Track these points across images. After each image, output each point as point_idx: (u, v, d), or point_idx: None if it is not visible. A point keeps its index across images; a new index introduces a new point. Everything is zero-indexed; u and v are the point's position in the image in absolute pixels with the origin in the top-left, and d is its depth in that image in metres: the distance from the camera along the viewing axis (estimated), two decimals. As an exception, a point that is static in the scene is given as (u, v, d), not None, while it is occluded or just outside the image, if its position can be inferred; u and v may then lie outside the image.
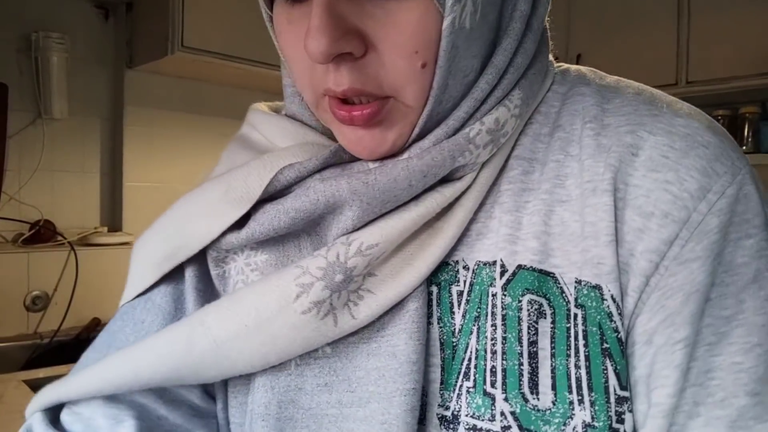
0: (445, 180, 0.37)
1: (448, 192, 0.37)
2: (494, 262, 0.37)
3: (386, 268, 0.37)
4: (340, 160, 0.39)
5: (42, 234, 1.79)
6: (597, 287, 0.35)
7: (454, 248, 0.39)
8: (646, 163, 0.36)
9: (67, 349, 1.69)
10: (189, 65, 1.94)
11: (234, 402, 0.41)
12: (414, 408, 0.35)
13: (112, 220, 2.04)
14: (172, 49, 1.79)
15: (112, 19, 2.03)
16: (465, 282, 0.38)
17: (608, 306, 0.35)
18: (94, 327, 1.78)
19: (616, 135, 0.37)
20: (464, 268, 0.38)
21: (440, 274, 0.39)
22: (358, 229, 0.36)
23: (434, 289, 0.39)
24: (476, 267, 0.38)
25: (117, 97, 2.03)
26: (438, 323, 0.38)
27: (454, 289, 0.38)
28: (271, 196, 0.39)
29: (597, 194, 0.36)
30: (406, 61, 0.34)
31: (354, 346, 0.37)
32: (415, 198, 0.37)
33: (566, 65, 0.45)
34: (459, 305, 0.38)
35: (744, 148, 2.15)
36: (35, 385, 1.28)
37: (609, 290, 0.35)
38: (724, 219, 0.34)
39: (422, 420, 0.37)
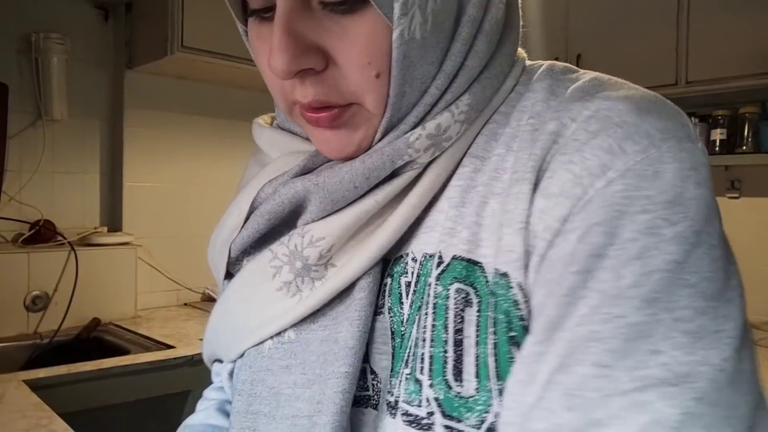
0: (393, 176, 0.40)
1: (389, 189, 0.39)
2: (434, 254, 0.39)
3: (342, 258, 0.41)
4: (314, 165, 0.42)
5: (42, 234, 1.80)
6: (505, 275, 0.35)
7: (406, 242, 0.41)
8: (559, 148, 0.36)
9: (67, 349, 1.69)
10: (189, 66, 1.94)
11: (226, 380, 0.48)
12: (345, 390, 0.38)
13: (112, 220, 2.04)
14: (171, 49, 1.79)
15: (111, 20, 2.03)
16: (413, 273, 0.40)
17: (515, 294, 0.35)
18: (94, 327, 1.78)
19: (546, 125, 0.37)
20: (413, 260, 0.40)
21: (394, 266, 0.41)
22: (314, 222, 0.41)
23: (388, 280, 0.41)
24: (423, 258, 0.40)
25: (117, 97, 2.03)
26: (389, 313, 0.40)
27: (403, 280, 0.40)
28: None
29: (519, 183, 0.36)
30: (361, 72, 0.37)
31: (313, 332, 0.41)
32: (361, 196, 0.40)
33: (541, 62, 0.44)
34: (407, 295, 0.40)
35: (744, 148, 2.15)
36: (35, 385, 1.28)
37: (515, 278, 0.35)
38: (619, 194, 0.32)
39: (376, 405, 0.40)
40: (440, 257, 0.38)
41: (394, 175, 0.40)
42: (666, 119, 0.35)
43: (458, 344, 0.36)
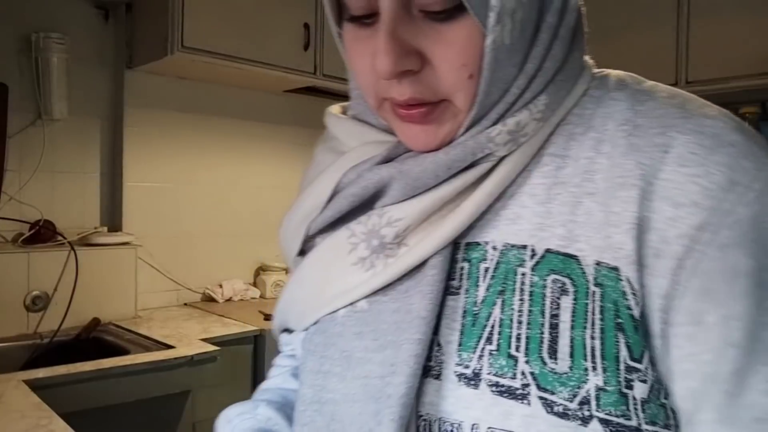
0: (470, 167, 0.44)
1: (465, 178, 0.44)
2: (524, 246, 0.43)
3: (414, 238, 0.45)
4: (396, 154, 0.47)
5: (42, 234, 1.80)
6: (615, 269, 0.40)
7: (483, 230, 0.45)
8: (676, 160, 0.40)
9: (67, 349, 1.69)
10: (188, 65, 1.94)
11: (300, 345, 0.52)
12: (418, 355, 0.42)
13: (112, 220, 2.04)
14: (171, 49, 1.79)
15: (111, 20, 2.03)
16: (492, 260, 0.44)
17: (624, 286, 0.40)
18: (94, 327, 1.78)
19: (648, 135, 0.41)
20: (493, 248, 0.44)
21: (472, 252, 0.45)
22: (394, 203, 0.45)
23: (465, 264, 0.45)
24: (504, 248, 0.44)
25: (117, 97, 2.03)
26: (464, 294, 0.45)
27: (482, 266, 0.44)
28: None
29: (625, 188, 0.41)
30: (456, 73, 0.41)
31: (384, 304, 0.45)
32: (440, 183, 0.44)
33: (608, 71, 0.49)
34: (484, 279, 0.44)
35: (744, 148, 2.15)
36: (35, 385, 1.28)
37: (625, 272, 0.40)
38: (756, 209, 0.38)
39: (438, 375, 0.43)
40: (533, 250, 0.43)
41: (471, 165, 0.44)
42: (757, 139, 0.41)
43: (554, 327, 0.40)
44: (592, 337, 0.39)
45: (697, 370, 0.38)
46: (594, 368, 0.39)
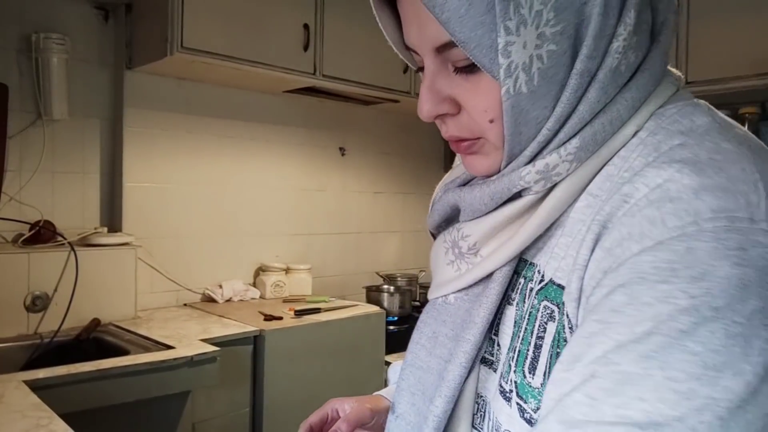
0: (519, 196, 0.50)
1: (514, 206, 0.50)
2: (542, 272, 0.50)
3: (486, 250, 0.54)
4: (469, 178, 0.57)
5: (42, 234, 1.80)
6: (562, 304, 0.46)
7: (540, 254, 0.51)
8: (626, 211, 0.42)
9: (67, 349, 1.69)
10: (189, 66, 1.94)
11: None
12: (467, 352, 0.52)
13: (112, 220, 2.04)
14: (171, 50, 1.79)
15: (111, 21, 2.03)
16: (536, 281, 0.50)
17: (563, 320, 0.45)
18: (94, 327, 1.78)
19: (625, 185, 0.43)
20: (538, 272, 0.50)
21: (527, 270, 0.52)
22: (466, 221, 0.55)
23: (521, 280, 0.52)
24: (541, 276, 0.50)
25: (117, 97, 2.04)
26: (516, 306, 0.52)
27: (530, 285, 0.51)
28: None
29: (589, 233, 0.44)
30: (480, 117, 0.48)
31: (463, 302, 0.56)
32: (496, 208, 0.51)
33: (681, 104, 0.48)
34: (529, 298, 0.50)
35: (743, 148, 2.15)
36: (35, 386, 1.28)
37: (567, 309, 0.45)
38: (647, 263, 0.38)
39: (496, 370, 0.53)
40: (542, 276, 0.49)
41: (519, 195, 0.50)
42: (728, 199, 0.38)
43: (537, 347, 0.47)
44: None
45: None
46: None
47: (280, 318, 1.93)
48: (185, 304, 2.18)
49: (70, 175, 1.96)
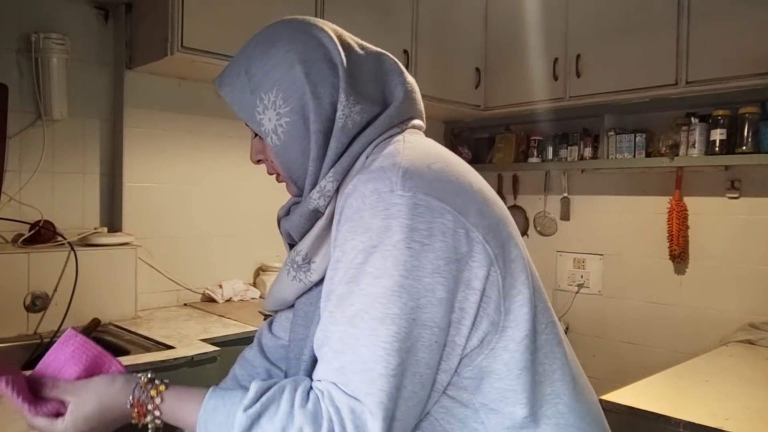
0: (318, 215, 0.75)
1: (320, 223, 0.75)
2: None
3: (317, 259, 0.76)
4: (292, 203, 0.85)
5: (42, 234, 1.80)
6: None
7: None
8: (343, 204, 0.70)
9: (67, 349, 1.69)
10: (189, 66, 1.94)
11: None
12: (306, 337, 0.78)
13: (112, 220, 2.04)
14: (171, 49, 1.79)
15: (111, 21, 2.03)
16: None
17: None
18: (94, 327, 1.78)
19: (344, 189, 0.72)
20: None
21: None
22: (300, 240, 0.79)
23: None
24: None
25: (117, 97, 2.04)
26: None
27: None
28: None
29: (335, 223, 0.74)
30: (267, 160, 0.82)
31: (302, 303, 0.81)
32: (312, 225, 0.76)
33: (386, 144, 0.74)
34: None
35: (744, 148, 2.15)
36: (35, 386, 1.27)
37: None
38: (345, 230, 0.68)
39: None
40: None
41: (321, 213, 0.74)
42: (377, 183, 0.66)
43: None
44: None
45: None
46: None
47: (280, 318, 1.93)
48: (185, 304, 2.18)
49: (70, 175, 1.96)
